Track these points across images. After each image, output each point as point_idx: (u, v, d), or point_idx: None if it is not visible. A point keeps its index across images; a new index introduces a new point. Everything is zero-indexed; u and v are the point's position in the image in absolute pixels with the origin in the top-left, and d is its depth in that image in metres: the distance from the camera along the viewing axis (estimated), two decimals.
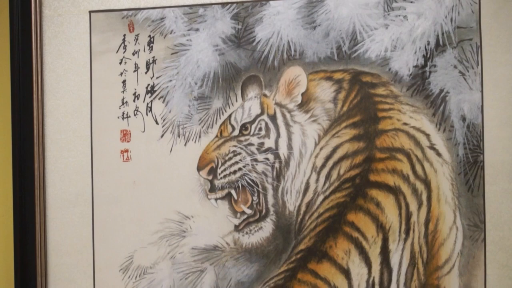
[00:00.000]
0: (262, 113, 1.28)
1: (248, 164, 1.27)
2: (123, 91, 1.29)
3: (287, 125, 1.28)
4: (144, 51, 1.29)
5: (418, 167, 1.27)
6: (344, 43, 1.27)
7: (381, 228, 1.27)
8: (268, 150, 1.28)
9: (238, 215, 1.28)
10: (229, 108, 1.28)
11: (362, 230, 1.27)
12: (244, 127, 1.28)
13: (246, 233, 1.28)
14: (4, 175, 1.31)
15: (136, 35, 1.30)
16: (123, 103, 1.29)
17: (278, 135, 1.28)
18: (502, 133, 1.26)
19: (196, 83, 1.28)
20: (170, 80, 1.29)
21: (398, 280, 1.27)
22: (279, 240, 1.27)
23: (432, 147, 1.27)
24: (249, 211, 1.28)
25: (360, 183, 1.27)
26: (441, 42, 1.25)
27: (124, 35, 1.30)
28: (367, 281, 1.27)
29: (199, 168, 1.28)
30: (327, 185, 1.27)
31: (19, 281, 1.27)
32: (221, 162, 1.28)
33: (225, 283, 1.28)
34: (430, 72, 1.27)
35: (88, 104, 1.29)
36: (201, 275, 1.28)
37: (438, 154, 1.27)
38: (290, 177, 1.27)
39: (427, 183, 1.27)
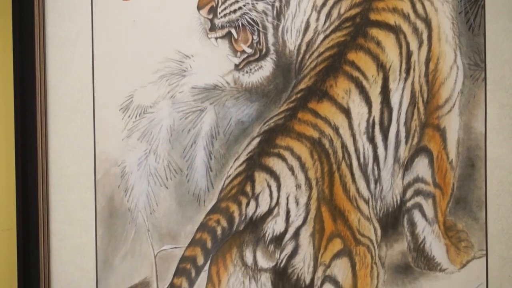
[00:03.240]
0: None
1: (248, 3, 1.27)
2: None
3: None
4: None
5: (418, 6, 1.26)
6: None
7: (382, 67, 1.27)
8: None
9: (238, 54, 1.28)
10: None
11: (363, 69, 1.27)
12: None
13: (246, 72, 1.28)
14: (3, 14, 1.30)
15: None
16: None
17: None
18: None
19: None
20: None
21: (398, 119, 1.27)
22: (279, 79, 1.27)
23: None
24: (249, 50, 1.27)
25: (361, 22, 1.26)
26: None
27: None
28: (367, 120, 1.27)
29: (199, 7, 1.28)
30: (327, 24, 1.27)
31: (19, 118, 1.26)
32: (221, 0, 1.27)
33: (225, 122, 1.27)
34: None
35: None
36: (201, 115, 1.28)
37: None
38: (290, 16, 1.27)
39: (427, 22, 1.26)
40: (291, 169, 1.27)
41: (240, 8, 1.27)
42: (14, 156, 1.27)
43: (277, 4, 1.27)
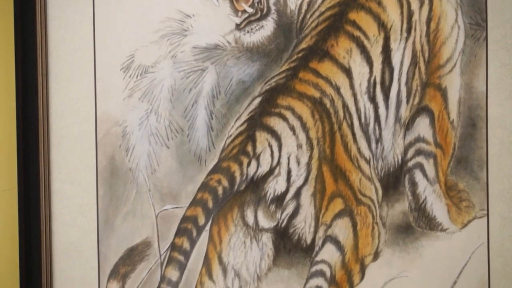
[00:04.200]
0: None
1: None
2: None
3: None
4: None
5: None
6: None
7: (383, 27, 1.26)
8: None
9: (239, 13, 1.27)
10: None
11: (364, 29, 1.26)
12: None
13: (247, 31, 1.27)
14: None
15: None
16: None
17: None
18: None
19: None
20: None
21: (399, 79, 1.27)
22: (281, 39, 1.27)
23: None
24: (250, 10, 1.27)
25: None
26: None
27: None
28: (369, 80, 1.27)
29: None
30: None
31: (20, 78, 1.26)
32: None
33: (227, 81, 1.27)
34: None
35: None
36: (202, 74, 1.27)
37: None
38: None
39: None
40: (292, 128, 1.27)
41: None
42: (16, 116, 1.27)
43: None
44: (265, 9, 1.27)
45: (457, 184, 1.27)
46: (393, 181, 1.28)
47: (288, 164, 1.27)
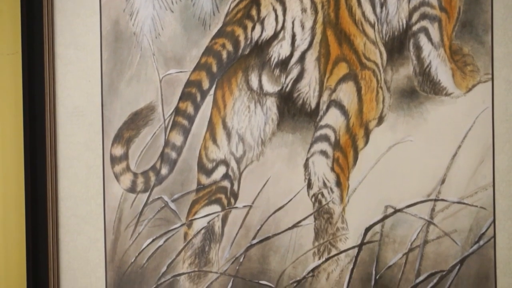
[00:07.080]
0: None
1: None
2: None
3: None
4: None
5: None
6: None
7: None
8: None
9: None
10: None
11: None
12: None
13: None
14: None
15: None
16: None
17: None
18: None
19: None
20: None
21: None
22: None
23: None
24: None
25: None
26: None
27: None
28: None
29: None
30: None
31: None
32: None
33: None
34: None
35: None
36: None
37: None
38: None
39: None
40: None
41: None
42: None
43: None
44: None
45: (462, 48, 1.27)
46: (398, 45, 1.27)
47: (293, 28, 1.27)
